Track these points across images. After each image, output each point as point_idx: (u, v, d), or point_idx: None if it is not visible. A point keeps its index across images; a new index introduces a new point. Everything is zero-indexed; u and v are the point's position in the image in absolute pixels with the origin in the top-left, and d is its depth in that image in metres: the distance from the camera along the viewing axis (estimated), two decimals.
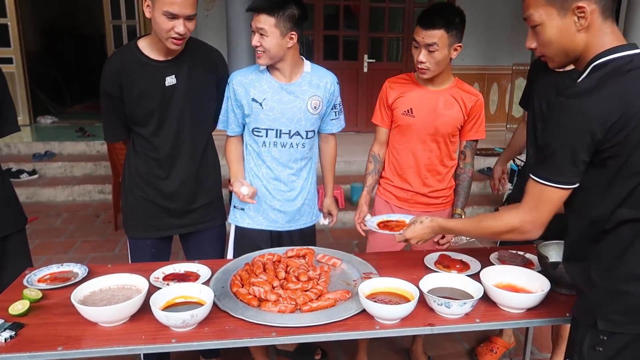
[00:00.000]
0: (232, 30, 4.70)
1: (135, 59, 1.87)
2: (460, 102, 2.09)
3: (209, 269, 1.70)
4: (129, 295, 1.45)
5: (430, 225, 1.58)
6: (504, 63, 6.83)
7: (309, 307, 1.44)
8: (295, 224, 2.17)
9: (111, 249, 3.97)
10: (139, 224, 2.07)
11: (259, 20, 1.87)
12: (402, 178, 2.20)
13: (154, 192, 2.02)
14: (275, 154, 2.06)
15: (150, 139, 1.96)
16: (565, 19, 1.17)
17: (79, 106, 8.60)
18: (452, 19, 1.94)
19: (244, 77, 2.01)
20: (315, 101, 2.04)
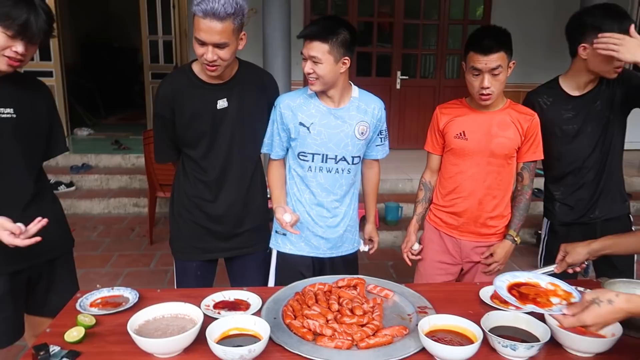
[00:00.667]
0: (269, 48, 4.74)
1: (189, 81, 1.91)
2: (516, 124, 2.04)
3: (259, 297, 1.67)
4: (182, 325, 1.43)
5: (626, 309, 1.09)
6: (540, 80, 6.69)
7: (366, 344, 1.40)
8: (337, 250, 2.13)
9: (147, 263, 4.00)
10: (185, 245, 2.08)
11: (312, 48, 1.85)
12: (454, 204, 2.14)
13: (201, 214, 2.03)
14: (321, 179, 2.04)
15: (199, 161, 1.98)
16: None
17: (113, 118, 8.79)
18: (505, 39, 1.93)
19: (292, 100, 2.01)
20: (363, 127, 2.02)
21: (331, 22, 1.89)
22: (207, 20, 1.69)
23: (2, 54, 1.59)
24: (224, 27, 1.71)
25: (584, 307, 1.11)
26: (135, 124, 7.78)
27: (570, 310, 1.12)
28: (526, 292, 1.32)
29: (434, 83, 6.67)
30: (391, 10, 6.48)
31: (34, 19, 1.58)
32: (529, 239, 4.50)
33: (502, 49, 1.90)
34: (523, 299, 1.31)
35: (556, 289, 1.29)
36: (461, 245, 2.16)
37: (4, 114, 1.68)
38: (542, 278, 1.37)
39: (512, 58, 1.96)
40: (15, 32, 1.57)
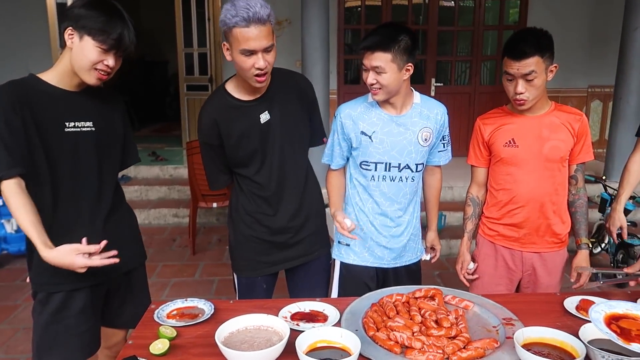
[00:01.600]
0: (307, 55, 4.74)
1: (228, 104, 1.86)
2: (567, 125, 1.97)
3: (335, 308, 1.64)
4: (268, 337, 1.40)
5: None
6: (579, 85, 6.57)
7: (458, 357, 1.34)
8: (400, 260, 2.09)
9: (191, 274, 4.00)
10: (251, 262, 2.03)
11: (374, 58, 1.82)
12: (513, 215, 2.05)
13: (263, 229, 1.99)
14: (384, 189, 2.00)
15: (254, 178, 1.94)
16: None
17: (146, 130, 8.92)
18: (542, 43, 1.84)
19: (353, 109, 1.98)
20: (426, 133, 1.97)
21: (391, 29, 1.84)
22: (252, 27, 1.65)
23: (93, 68, 1.60)
24: (267, 29, 1.68)
25: None
26: (169, 136, 7.90)
27: None
28: (628, 327, 1.19)
29: (469, 90, 6.58)
30: (425, 18, 6.45)
31: (126, 33, 1.61)
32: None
33: (537, 54, 1.82)
34: (626, 336, 1.18)
35: None
36: (523, 257, 2.08)
37: (85, 127, 1.69)
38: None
39: (553, 61, 1.88)
40: (110, 46, 1.58)
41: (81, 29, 1.57)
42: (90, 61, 1.59)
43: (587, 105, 6.68)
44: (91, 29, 1.56)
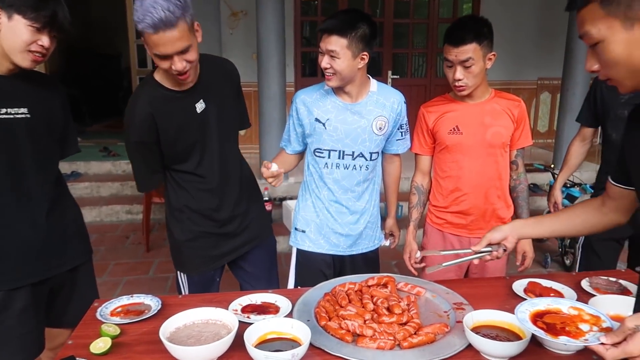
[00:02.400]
0: (263, 48, 4.66)
1: (162, 95, 1.74)
2: (507, 111, 2.02)
3: (287, 299, 1.61)
4: (216, 331, 1.36)
5: None
6: (529, 77, 6.78)
7: (409, 343, 1.34)
8: (357, 248, 2.09)
9: (146, 271, 3.89)
10: (204, 259, 1.97)
11: (330, 42, 1.80)
12: (460, 202, 2.08)
13: (210, 223, 1.93)
14: (337, 176, 1.99)
15: (195, 171, 1.86)
16: (632, 31, 0.95)
17: (98, 125, 8.60)
18: (481, 30, 1.87)
19: (308, 96, 1.97)
20: (381, 122, 1.96)
21: (351, 15, 1.83)
22: (161, 33, 1.52)
23: (27, 49, 1.50)
24: (180, 31, 1.55)
25: (625, 335, 0.98)
26: (122, 131, 7.61)
27: (609, 339, 1.01)
28: (552, 322, 1.21)
29: (425, 82, 6.68)
30: (381, 10, 6.48)
31: (60, 9, 1.51)
32: None
33: (474, 41, 1.84)
34: (552, 330, 1.18)
35: (580, 314, 1.21)
36: (471, 243, 2.10)
37: (19, 114, 1.58)
38: (561, 303, 1.28)
39: (492, 49, 1.91)
40: (43, 25, 1.48)
41: (9, 7, 1.46)
42: (24, 42, 1.49)
43: (536, 97, 6.90)
44: (21, 7, 1.46)
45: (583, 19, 1.01)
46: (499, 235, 1.51)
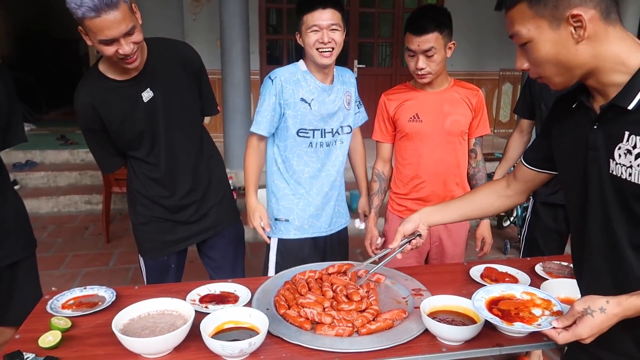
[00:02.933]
0: (226, 34, 4.57)
1: (104, 86, 1.70)
2: (466, 100, 2.05)
3: (247, 288, 1.59)
4: (172, 322, 1.33)
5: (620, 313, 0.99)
6: (491, 68, 6.90)
7: (367, 330, 1.35)
8: (333, 227, 2.12)
9: (105, 262, 3.78)
10: (156, 244, 1.96)
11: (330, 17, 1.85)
12: (417, 189, 2.10)
13: (162, 209, 1.91)
14: (321, 154, 2.03)
15: (146, 159, 1.84)
16: (559, 31, 0.98)
17: (56, 113, 8.29)
18: (441, 20, 1.90)
19: (292, 75, 1.95)
20: (348, 96, 2.06)
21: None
22: (104, 15, 1.47)
23: None
24: (122, 12, 1.50)
25: (575, 318, 1.03)
26: None
27: (560, 322, 1.05)
28: (506, 309, 1.23)
29: (391, 71, 6.71)
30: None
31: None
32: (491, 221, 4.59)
33: (436, 30, 1.87)
34: (507, 317, 1.21)
35: (533, 298, 1.25)
36: (430, 229, 2.13)
37: None
38: (515, 288, 1.31)
39: (452, 38, 1.94)
40: None
41: None
42: None
43: (498, 87, 7.05)
44: None
45: (512, 19, 1.04)
46: (411, 225, 1.54)
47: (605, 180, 1.03)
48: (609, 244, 1.06)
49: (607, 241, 1.06)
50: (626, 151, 0.98)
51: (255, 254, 3.94)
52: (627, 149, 0.98)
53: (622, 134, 0.99)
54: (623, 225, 1.02)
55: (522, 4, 1.01)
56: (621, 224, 1.03)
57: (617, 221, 1.03)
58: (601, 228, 1.07)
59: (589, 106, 1.08)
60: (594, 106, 1.07)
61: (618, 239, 1.04)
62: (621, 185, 1.00)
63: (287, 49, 6.45)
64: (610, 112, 1.02)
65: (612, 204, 1.03)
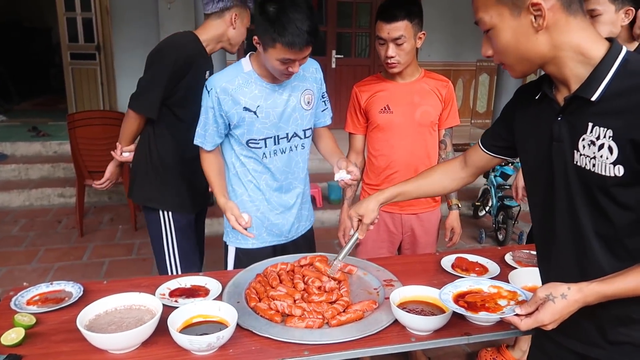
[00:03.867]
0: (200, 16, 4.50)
1: (201, 51, 2.03)
2: (436, 91, 2.06)
3: (218, 281, 1.58)
4: (139, 317, 1.31)
5: (581, 299, 1.00)
6: (468, 59, 6.94)
7: (337, 321, 1.35)
8: (297, 231, 2.00)
9: (79, 256, 3.72)
10: (188, 200, 2.16)
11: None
12: (389, 180, 2.10)
13: (194, 174, 2.07)
14: (277, 163, 1.85)
15: (188, 121, 1.98)
16: (519, 19, 0.99)
17: (27, 103, 8.10)
18: (412, 8, 1.90)
19: (229, 83, 1.72)
20: (308, 95, 1.85)
21: None
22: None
23: None
24: None
25: (537, 304, 1.04)
26: (55, 109, 7.23)
27: (523, 309, 1.07)
28: (473, 301, 1.25)
29: (369, 62, 6.70)
30: None
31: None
32: (466, 211, 4.66)
33: (406, 18, 1.87)
34: (472, 308, 1.22)
35: (499, 291, 1.27)
36: (402, 219, 2.16)
37: None
38: (483, 283, 1.31)
39: (422, 28, 1.95)
40: None
41: None
42: None
43: (475, 78, 7.10)
44: None
45: (477, 6, 1.06)
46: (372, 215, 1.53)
47: (570, 171, 1.05)
48: (574, 234, 1.07)
49: (573, 231, 1.08)
50: (590, 142, 1.00)
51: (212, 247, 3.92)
52: (591, 140, 0.99)
53: (585, 125, 1.00)
54: (588, 215, 1.04)
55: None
56: (586, 214, 1.04)
57: (582, 211, 1.04)
58: (567, 218, 1.08)
59: (553, 97, 1.08)
60: (557, 97, 1.08)
61: (583, 229, 1.05)
62: (585, 176, 1.02)
63: None
64: (573, 103, 1.03)
65: (577, 194, 1.04)
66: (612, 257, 1.03)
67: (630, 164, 0.95)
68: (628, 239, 1.01)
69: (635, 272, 0.97)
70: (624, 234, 1.01)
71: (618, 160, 0.95)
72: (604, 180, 0.98)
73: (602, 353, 1.09)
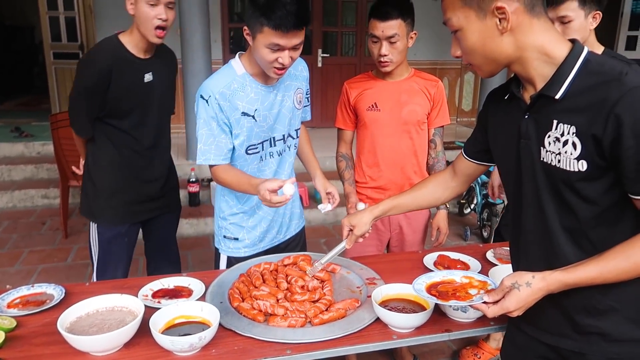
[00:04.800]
0: (186, 23, 4.48)
1: (123, 56, 1.92)
2: (425, 90, 2.08)
3: (201, 282, 1.58)
4: (121, 318, 1.31)
5: (544, 287, 1.04)
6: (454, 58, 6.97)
7: (320, 320, 1.36)
8: (289, 231, 1.97)
9: (63, 258, 3.68)
10: (117, 212, 2.08)
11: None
12: (378, 178, 2.13)
13: (134, 180, 2.08)
14: (273, 165, 1.83)
15: (131, 132, 2.02)
16: (485, 21, 1.02)
17: (10, 103, 7.98)
18: (405, 7, 1.93)
19: (226, 87, 1.65)
20: (300, 94, 1.84)
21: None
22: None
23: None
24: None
25: (504, 292, 1.08)
26: (38, 110, 7.14)
27: (491, 297, 1.11)
28: (444, 290, 1.28)
29: (355, 61, 6.71)
30: None
31: None
32: (452, 209, 4.70)
33: (400, 17, 1.89)
34: (443, 297, 1.25)
35: (471, 281, 1.29)
36: (390, 218, 2.16)
37: None
38: (455, 274, 1.34)
39: (413, 28, 1.96)
40: None
41: None
42: None
43: (461, 77, 7.15)
44: None
45: (446, 7, 1.08)
46: (355, 221, 1.55)
47: (537, 167, 1.08)
48: (542, 228, 1.11)
49: (540, 225, 1.11)
50: (555, 139, 1.03)
51: (208, 246, 3.92)
52: (556, 136, 1.03)
53: (551, 123, 1.04)
54: (554, 210, 1.07)
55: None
56: (552, 208, 1.08)
57: (548, 206, 1.08)
58: (534, 213, 1.12)
59: (520, 96, 1.12)
60: (524, 96, 1.11)
61: (550, 223, 1.09)
62: (551, 171, 1.05)
63: None
64: (539, 101, 1.06)
65: (543, 189, 1.08)
66: (578, 249, 1.07)
67: (592, 158, 0.98)
68: (592, 232, 1.05)
69: (596, 261, 1.01)
70: (588, 226, 1.05)
71: (581, 156, 0.99)
72: (568, 175, 1.02)
73: (571, 344, 1.12)
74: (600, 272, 1.00)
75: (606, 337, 1.07)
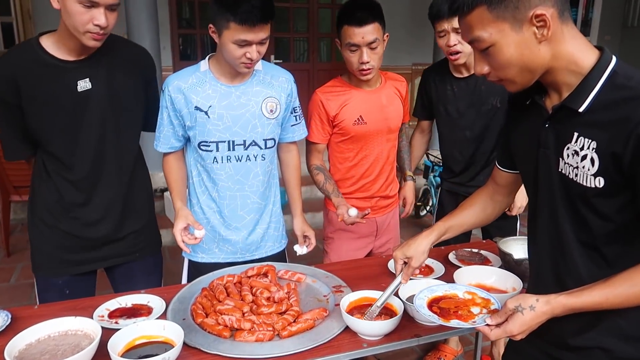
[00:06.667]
0: (133, 28, 4.35)
1: (37, 58, 1.55)
2: (397, 92, 2.09)
3: (161, 299, 1.51)
4: (76, 343, 1.22)
5: (548, 311, 1.02)
6: (404, 63, 7.12)
7: (288, 332, 1.32)
8: (259, 251, 1.87)
9: (6, 279, 3.46)
10: (51, 259, 1.73)
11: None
12: (367, 189, 2.11)
13: (70, 220, 1.69)
14: (230, 171, 1.75)
15: (62, 158, 1.64)
16: (522, 32, 0.98)
17: None
18: (377, 9, 1.88)
19: (183, 81, 1.69)
20: (272, 103, 1.75)
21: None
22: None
23: None
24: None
25: (507, 315, 1.06)
26: None
27: (494, 320, 1.08)
28: (446, 307, 1.25)
29: (308, 66, 6.72)
30: None
31: None
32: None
33: (375, 20, 1.83)
34: (445, 314, 1.22)
35: (474, 298, 1.28)
36: (377, 221, 2.16)
37: None
38: (458, 288, 1.32)
39: (385, 30, 1.92)
40: None
41: None
42: None
43: (411, 81, 7.29)
44: None
45: (470, 25, 1.02)
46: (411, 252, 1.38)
47: (554, 178, 1.07)
48: (555, 239, 1.09)
49: (552, 236, 1.10)
50: (574, 152, 1.01)
51: (175, 258, 3.79)
52: (575, 149, 1.01)
53: (571, 135, 1.02)
54: (569, 222, 1.06)
55: (480, 8, 0.99)
56: (567, 220, 1.06)
57: (564, 217, 1.06)
58: (548, 223, 1.11)
59: (542, 104, 1.10)
60: (546, 104, 1.09)
61: (564, 235, 1.07)
62: (568, 184, 1.04)
63: (202, 43, 6.24)
64: (561, 112, 1.04)
65: (559, 200, 1.07)
66: (591, 263, 1.05)
67: (610, 175, 0.96)
68: (606, 248, 1.03)
69: (603, 286, 0.98)
70: (602, 242, 1.03)
71: (599, 172, 0.97)
72: (584, 190, 1.00)
73: (574, 358, 1.11)
74: (607, 298, 0.98)
75: (608, 354, 1.07)
